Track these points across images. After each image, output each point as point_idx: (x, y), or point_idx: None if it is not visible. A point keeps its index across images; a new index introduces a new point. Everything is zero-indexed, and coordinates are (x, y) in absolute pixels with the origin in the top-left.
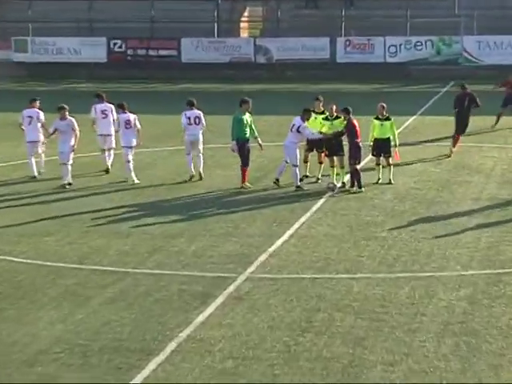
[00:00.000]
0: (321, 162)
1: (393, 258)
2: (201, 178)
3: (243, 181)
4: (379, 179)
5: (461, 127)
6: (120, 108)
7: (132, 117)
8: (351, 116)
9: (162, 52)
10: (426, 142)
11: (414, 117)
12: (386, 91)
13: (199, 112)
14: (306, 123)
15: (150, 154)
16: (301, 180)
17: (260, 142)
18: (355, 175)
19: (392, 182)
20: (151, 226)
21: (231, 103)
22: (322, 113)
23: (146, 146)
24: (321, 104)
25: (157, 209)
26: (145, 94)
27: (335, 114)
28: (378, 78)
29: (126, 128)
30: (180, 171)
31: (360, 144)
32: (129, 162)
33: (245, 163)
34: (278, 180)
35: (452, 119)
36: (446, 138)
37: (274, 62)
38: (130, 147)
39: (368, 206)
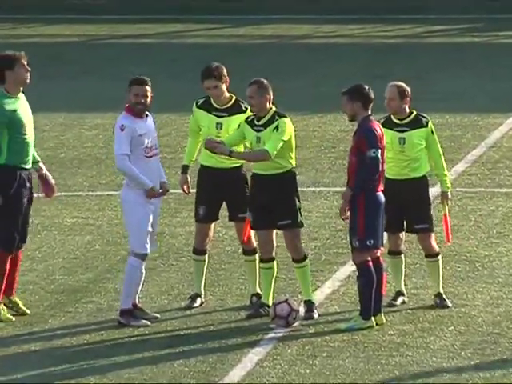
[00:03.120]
0: (251, 251)
1: None
2: None
3: None
4: (400, 295)
5: None
6: None
7: None
8: (369, 114)
9: None
10: None
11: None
12: (418, 44)
13: None
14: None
15: None
16: (192, 299)
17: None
18: (367, 278)
19: (446, 301)
20: None
21: None
22: None
23: None
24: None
25: None
26: None
27: (272, 110)
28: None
29: None
30: None
31: (382, 197)
32: None
33: (6, 238)
34: (132, 309)
35: None
36: None
37: None
38: None
39: (387, 370)
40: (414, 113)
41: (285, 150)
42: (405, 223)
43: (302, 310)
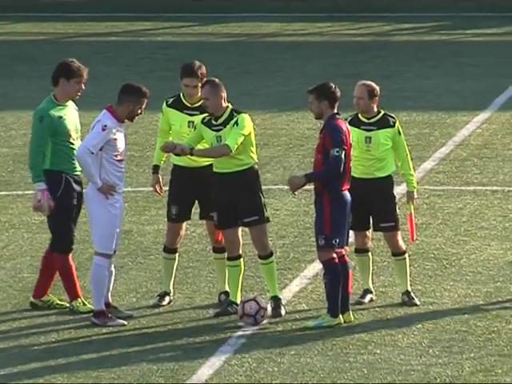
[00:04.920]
0: (221, 249)
1: None
2: None
3: (74, 296)
4: (368, 293)
5: None
6: None
7: None
8: (335, 113)
9: None
10: None
11: (484, 114)
12: (387, 42)
13: None
14: (111, 127)
15: None
16: (161, 297)
17: None
18: (334, 276)
19: (415, 299)
20: None
21: None
22: None
23: None
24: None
25: None
26: None
27: (229, 108)
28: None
29: None
30: None
31: (348, 196)
32: None
33: (63, 242)
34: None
35: None
36: None
37: None
38: None
39: (355, 367)
40: (382, 112)
41: (246, 146)
42: (371, 221)
43: (269, 307)
